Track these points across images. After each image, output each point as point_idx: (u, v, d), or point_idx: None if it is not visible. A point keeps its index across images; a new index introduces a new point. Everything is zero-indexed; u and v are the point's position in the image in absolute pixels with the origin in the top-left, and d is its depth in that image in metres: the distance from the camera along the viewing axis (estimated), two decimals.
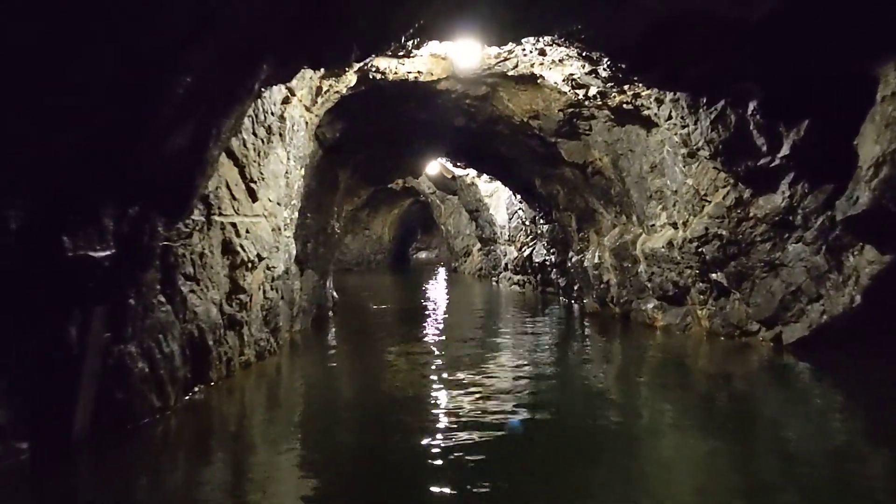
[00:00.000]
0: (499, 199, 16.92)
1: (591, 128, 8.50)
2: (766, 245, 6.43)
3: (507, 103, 8.52)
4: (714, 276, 7.11)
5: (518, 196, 14.14)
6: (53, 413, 3.68)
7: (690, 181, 7.15)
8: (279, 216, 6.61)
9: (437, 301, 13.95)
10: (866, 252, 5.49)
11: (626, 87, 6.77)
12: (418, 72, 7.22)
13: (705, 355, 7.10)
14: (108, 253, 3.70)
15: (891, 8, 4.39)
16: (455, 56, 7.15)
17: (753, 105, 5.84)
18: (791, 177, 6.01)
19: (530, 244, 14.50)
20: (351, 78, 6.87)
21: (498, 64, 7.30)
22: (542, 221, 13.10)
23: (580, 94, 7.34)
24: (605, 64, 6.18)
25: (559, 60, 6.73)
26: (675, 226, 7.71)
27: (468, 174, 16.94)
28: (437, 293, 16.04)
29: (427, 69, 7.27)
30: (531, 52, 6.66)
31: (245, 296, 5.85)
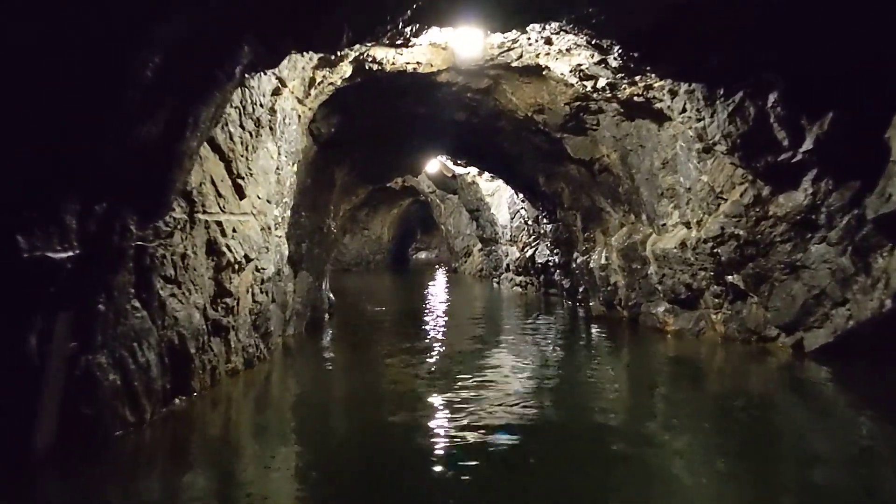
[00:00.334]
0: (500, 198, 16.58)
1: (599, 122, 8.13)
2: (787, 245, 6.06)
3: (510, 97, 8.15)
4: (730, 278, 6.73)
5: (520, 195, 13.80)
6: (11, 430, 3.36)
7: (705, 178, 6.76)
8: (269, 214, 6.24)
9: (438, 303, 13.57)
10: None
11: (637, 77, 6.40)
12: (417, 62, 6.85)
13: (721, 362, 6.69)
14: (70, 254, 3.34)
15: None
16: (456, 46, 6.78)
17: (774, 96, 5.50)
18: (814, 173, 5.68)
19: (533, 244, 14.14)
20: (346, 69, 6.51)
21: (501, 54, 6.94)
22: (545, 221, 12.74)
23: (588, 86, 6.96)
24: (615, 53, 5.83)
25: (566, 50, 6.37)
26: (688, 225, 7.32)
27: (469, 172, 16.65)
28: (437, 294, 15.66)
29: (426, 60, 6.90)
30: (537, 40, 6.29)
31: (231, 299, 5.48)
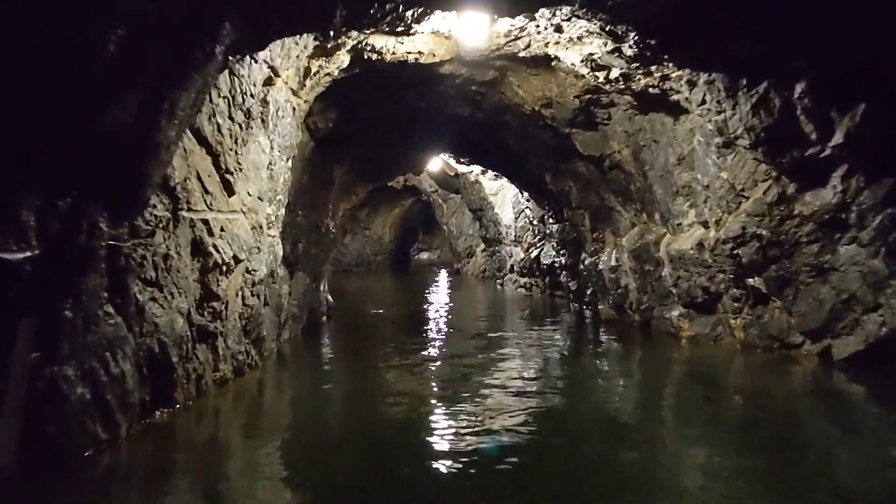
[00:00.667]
0: (504, 198, 16.19)
1: (611, 116, 7.74)
2: (814, 247, 5.68)
3: (516, 90, 7.77)
4: (751, 281, 6.34)
5: (525, 194, 13.41)
6: None
7: (725, 175, 6.37)
8: (261, 212, 5.87)
9: (440, 305, 13.18)
10: None
11: (653, 67, 6.00)
12: (419, 52, 6.47)
13: (742, 371, 6.28)
14: (28, 254, 2.99)
15: None
16: (460, 34, 6.41)
17: (801, 87, 5.13)
18: (844, 169, 5.32)
19: (538, 245, 13.75)
20: (343, 58, 6.14)
21: (508, 44, 6.56)
22: (551, 220, 12.36)
23: (600, 76, 6.57)
24: (631, 40, 5.46)
25: (578, 38, 5.99)
26: (705, 225, 6.93)
27: (472, 171, 16.29)
28: (439, 296, 15.26)
29: (429, 49, 6.52)
30: (546, 28, 5.92)
31: (219, 303, 5.11)
